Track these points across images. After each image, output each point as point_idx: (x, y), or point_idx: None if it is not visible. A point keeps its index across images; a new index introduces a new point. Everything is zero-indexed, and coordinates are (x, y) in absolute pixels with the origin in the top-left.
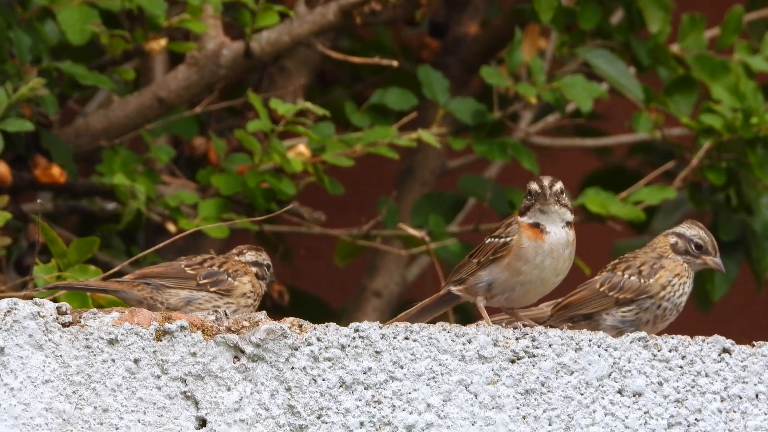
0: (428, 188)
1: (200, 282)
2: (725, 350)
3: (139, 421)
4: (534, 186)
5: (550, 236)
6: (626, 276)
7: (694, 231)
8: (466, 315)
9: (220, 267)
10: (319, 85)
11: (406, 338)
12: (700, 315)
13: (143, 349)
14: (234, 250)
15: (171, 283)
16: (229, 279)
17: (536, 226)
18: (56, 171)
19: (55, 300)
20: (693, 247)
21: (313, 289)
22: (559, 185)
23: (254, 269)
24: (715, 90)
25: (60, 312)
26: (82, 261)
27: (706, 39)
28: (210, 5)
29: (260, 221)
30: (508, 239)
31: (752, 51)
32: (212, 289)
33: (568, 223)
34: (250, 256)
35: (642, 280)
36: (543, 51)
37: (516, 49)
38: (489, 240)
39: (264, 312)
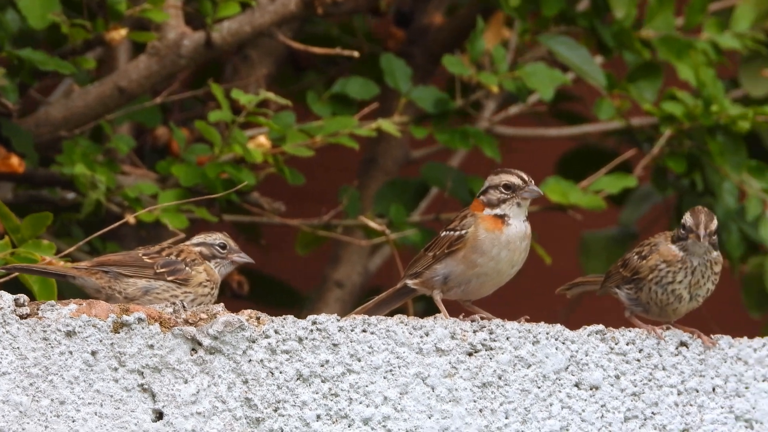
0: (392, 178)
1: (158, 271)
2: (682, 344)
3: (95, 413)
4: (514, 179)
5: (510, 228)
6: (633, 254)
7: (685, 217)
8: (429, 304)
9: (177, 256)
10: (291, 71)
11: (364, 331)
12: None
13: (101, 341)
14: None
15: (128, 271)
16: (187, 268)
17: (500, 217)
18: (15, 161)
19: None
20: (682, 232)
21: (280, 278)
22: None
23: (198, 249)
24: (681, 70)
25: (17, 304)
26: (35, 236)
27: (674, 19)
28: None
29: (217, 206)
30: (464, 232)
31: (721, 28)
32: (170, 278)
33: (526, 217)
34: (196, 238)
35: (638, 261)
36: (507, 40)
37: (478, 37)
38: (444, 233)
39: (222, 304)
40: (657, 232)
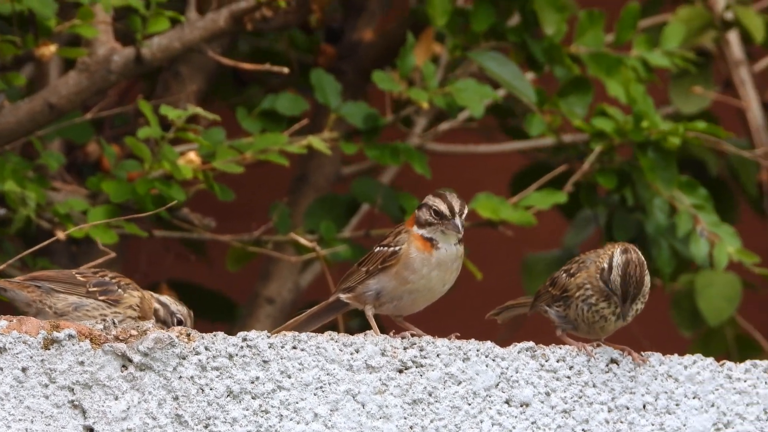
0: (323, 195)
1: (90, 289)
2: (613, 361)
3: (26, 430)
4: (443, 208)
5: (440, 251)
6: (561, 273)
7: (614, 280)
8: (363, 321)
9: (112, 279)
10: (232, 85)
11: (294, 348)
12: None
13: (31, 357)
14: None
15: (61, 287)
16: (119, 290)
17: (429, 240)
18: None
19: None
20: (608, 283)
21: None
22: (466, 209)
23: (157, 306)
24: (611, 87)
25: None
26: None
27: (604, 36)
28: (101, 7)
29: (147, 221)
30: (397, 248)
31: (651, 46)
32: (101, 298)
33: (459, 240)
34: (164, 298)
35: (567, 279)
36: (438, 56)
37: (408, 53)
38: (378, 249)
39: (152, 320)
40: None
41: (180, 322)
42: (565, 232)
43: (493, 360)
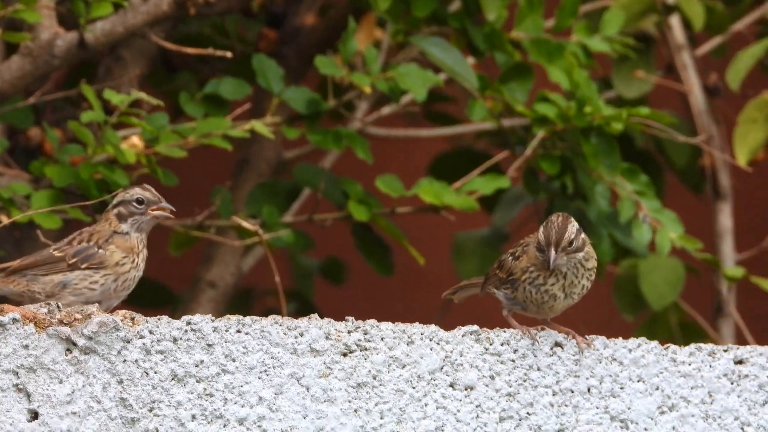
0: (265, 179)
1: (70, 262)
2: (557, 344)
3: None
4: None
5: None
6: (508, 256)
7: (540, 228)
8: (303, 305)
9: (89, 241)
10: (165, 71)
11: (239, 331)
12: None
13: None
14: None
15: (42, 270)
16: (100, 251)
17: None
18: None
19: None
20: (539, 244)
21: (154, 278)
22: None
23: (116, 211)
24: (552, 73)
25: None
26: None
27: (544, 22)
28: None
29: (91, 206)
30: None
31: (591, 32)
32: (83, 266)
33: None
34: (117, 198)
35: (512, 262)
36: (379, 41)
37: (350, 38)
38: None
39: (96, 304)
40: (528, 233)
41: (140, 201)
42: (493, 211)
43: (438, 343)
